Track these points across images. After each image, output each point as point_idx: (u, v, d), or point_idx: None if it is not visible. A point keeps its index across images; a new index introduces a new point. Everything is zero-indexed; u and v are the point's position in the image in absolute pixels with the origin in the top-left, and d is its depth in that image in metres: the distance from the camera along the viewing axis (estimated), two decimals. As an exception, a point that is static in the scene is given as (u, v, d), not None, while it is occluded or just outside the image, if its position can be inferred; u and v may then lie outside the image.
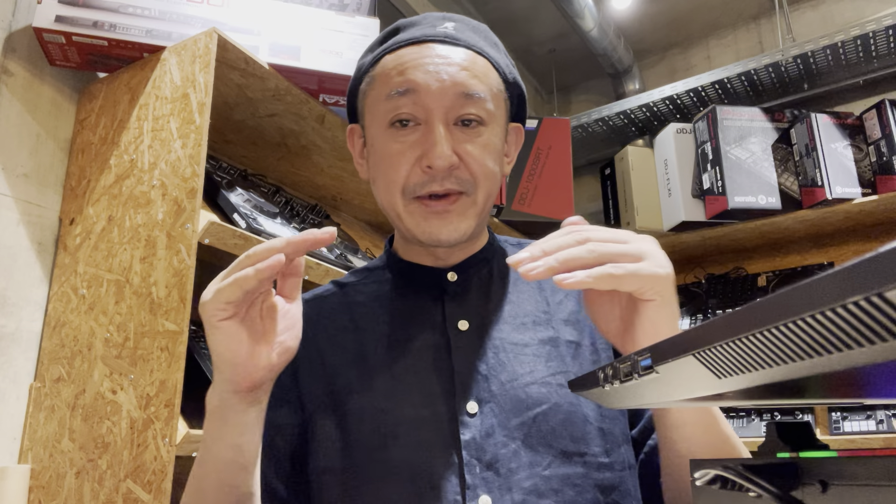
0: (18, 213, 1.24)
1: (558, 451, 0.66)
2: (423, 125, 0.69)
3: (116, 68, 1.32)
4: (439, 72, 0.69)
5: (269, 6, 1.34)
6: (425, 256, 0.77)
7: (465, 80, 0.69)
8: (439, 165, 0.67)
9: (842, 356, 0.19)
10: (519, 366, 0.70)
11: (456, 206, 0.70)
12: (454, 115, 0.69)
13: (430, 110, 0.68)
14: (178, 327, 1.05)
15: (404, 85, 0.69)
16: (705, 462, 0.35)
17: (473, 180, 0.70)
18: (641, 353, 0.33)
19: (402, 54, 0.71)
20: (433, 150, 0.67)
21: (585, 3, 2.18)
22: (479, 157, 0.70)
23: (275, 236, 1.26)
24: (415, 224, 0.70)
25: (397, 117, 0.70)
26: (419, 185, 0.69)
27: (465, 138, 0.69)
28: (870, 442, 1.80)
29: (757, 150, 2.13)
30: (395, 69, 0.71)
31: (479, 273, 0.77)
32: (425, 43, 0.71)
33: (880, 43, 2.05)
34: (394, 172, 0.70)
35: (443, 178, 0.68)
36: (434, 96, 0.68)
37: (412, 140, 0.69)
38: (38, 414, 1.18)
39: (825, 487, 0.28)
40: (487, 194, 0.72)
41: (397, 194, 0.70)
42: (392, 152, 0.70)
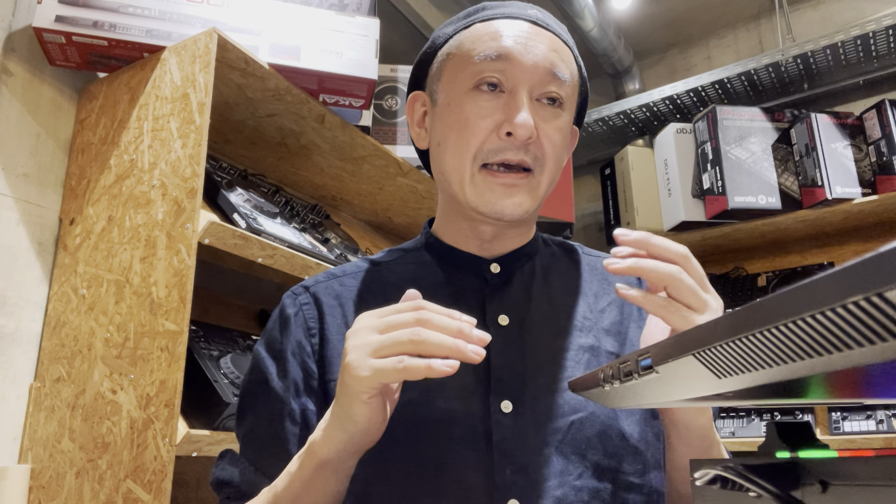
0: (18, 213, 1.24)
1: (592, 462, 0.64)
2: (508, 94, 0.69)
3: (116, 68, 1.32)
4: (531, 45, 0.69)
5: (269, 6, 1.34)
6: (471, 241, 0.75)
7: (554, 60, 0.70)
8: (521, 134, 0.66)
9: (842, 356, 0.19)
10: (558, 370, 0.68)
11: (524, 183, 0.69)
12: (539, 90, 0.69)
13: (518, 80, 0.68)
14: (178, 327, 1.05)
15: (498, 50, 0.69)
16: (705, 462, 0.35)
17: (544, 160, 0.69)
18: (641, 352, 0.32)
19: (496, 24, 0.72)
20: (518, 117, 0.67)
21: (585, 3, 2.18)
22: (553, 137, 0.70)
23: (275, 236, 1.26)
24: (478, 194, 0.69)
25: (485, 80, 0.69)
26: (493, 152, 0.68)
27: (545, 115, 0.69)
28: (870, 442, 1.80)
29: (757, 150, 2.13)
30: (489, 34, 0.71)
31: (521, 268, 0.75)
32: (518, 20, 0.72)
33: (880, 43, 2.05)
34: (470, 133, 0.69)
35: (518, 149, 0.68)
36: (525, 68, 0.68)
37: (494, 105, 0.69)
38: (38, 414, 1.18)
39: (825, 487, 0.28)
40: (551, 179, 0.71)
41: (468, 158, 0.69)
42: (472, 114, 0.69)
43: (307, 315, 0.72)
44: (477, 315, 0.70)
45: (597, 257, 0.81)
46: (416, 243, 0.80)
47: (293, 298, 0.74)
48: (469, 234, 0.74)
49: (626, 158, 2.43)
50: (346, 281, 0.76)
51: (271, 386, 0.70)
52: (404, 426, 0.64)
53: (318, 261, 1.35)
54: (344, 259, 1.53)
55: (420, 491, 0.62)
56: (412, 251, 0.79)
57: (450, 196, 0.74)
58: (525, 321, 0.70)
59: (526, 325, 0.70)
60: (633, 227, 2.32)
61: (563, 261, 0.78)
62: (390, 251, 0.80)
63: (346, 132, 1.52)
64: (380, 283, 0.75)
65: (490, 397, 0.65)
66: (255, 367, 0.73)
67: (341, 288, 0.74)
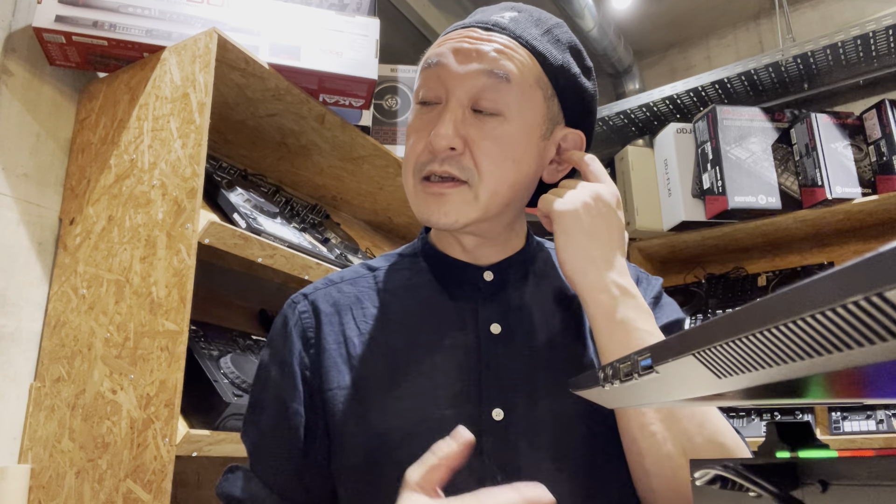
0: (18, 212, 1.24)
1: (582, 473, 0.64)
2: (443, 106, 0.68)
3: (116, 68, 1.32)
4: (469, 49, 0.67)
5: (269, 6, 1.34)
6: (455, 248, 0.75)
7: (494, 59, 0.67)
8: (437, 145, 0.65)
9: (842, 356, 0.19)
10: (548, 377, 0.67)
11: (452, 192, 0.67)
12: (474, 96, 0.67)
13: (448, 89, 0.68)
14: (178, 327, 1.05)
15: (435, 56, 0.69)
16: (705, 462, 0.35)
17: (477, 171, 0.67)
18: (641, 352, 0.32)
19: (451, 34, 0.71)
20: (434, 129, 0.66)
21: (585, 2, 2.18)
22: (487, 149, 0.67)
23: (275, 236, 1.26)
24: (416, 205, 0.69)
25: (423, 97, 0.70)
26: (423, 165, 0.68)
27: (478, 125, 0.67)
28: (870, 442, 1.80)
29: (757, 149, 2.13)
30: (435, 45, 0.71)
31: (515, 276, 0.74)
32: (471, 27, 0.70)
33: (880, 43, 2.05)
34: (410, 150, 0.70)
35: (442, 160, 0.67)
36: (456, 74, 0.67)
37: (429, 119, 0.69)
38: (38, 414, 1.18)
39: (825, 487, 0.28)
40: (493, 191, 0.67)
41: (409, 172, 0.70)
42: (411, 130, 0.70)
43: (305, 325, 0.73)
44: (471, 323, 0.70)
45: None
46: (414, 248, 0.80)
47: (293, 308, 0.75)
48: (454, 244, 0.75)
49: (626, 158, 2.43)
50: (344, 287, 0.76)
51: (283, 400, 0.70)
52: (398, 434, 0.65)
53: (318, 261, 1.35)
54: (344, 259, 1.53)
55: None
56: (409, 257, 0.79)
57: None
58: (516, 329, 0.70)
59: (517, 333, 0.70)
60: (632, 227, 2.32)
61: (556, 266, 0.78)
62: (388, 256, 0.80)
63: (346, 132, 1.52)
64: (377, 289, 0.76)
65: (481, 405, 0.65)
66: (261, 378, 0.73)
67: (339, 295, 0.75)
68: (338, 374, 0.70)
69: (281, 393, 0.70)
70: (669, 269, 2.55)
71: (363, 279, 0.77)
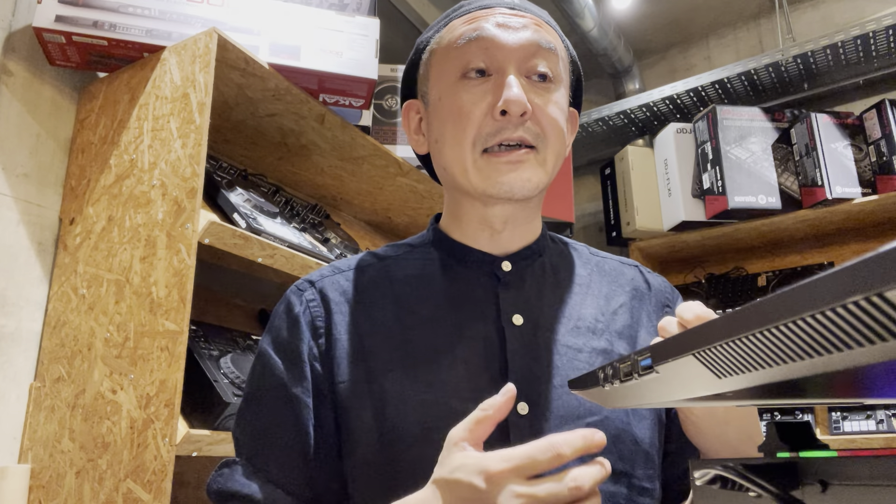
0: (18, 212, 1.24)
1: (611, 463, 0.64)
2: (495, 75, 0.68)
3: (116, 68, 1.32)
4: (511, 24, 0.68)
5: (269, 6, 1.34)
6: (481, 236, 0.73)
7: (537, 34, 0.69)
8: (514, 110, 0.64)
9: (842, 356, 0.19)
10: (573, 371, 0.66)
11: (528, 158, 0.67)
12: (526, 66, 0.68)
13: (502, 59, 0.67)
14: (178, 327, 1.05)
15: (475, 31, 0.68)
16: (705, 462, 0.35)
17: (544, 135, 0.67)
18: (641, 352, 0.32)
19: (472, 14, 0.71)
20: (508, 93, 0.65)
21: (585, 2, 2.18)
22: (550, 112, 0.68)
23: (275, 236, 1.26)
24: (484, 178, 0.67)
25: (471, 66, 0.68)
26: (491, 135, 0.66)
27: (537, 91, 0.68)
28: (870, 442, 1.80)
29: (757, 149, 2.13)
30: (465, 21, 0.70)
31: (532, 266, 0.73)
32: (494, 7, 0.71)
33: (880, 43, 2.05)
34: (465, 121, 0.67)
35: (515, 126, 0.66)
36: (507, 47, 0.67)
37: (483, 90, 0.67)
38: (38, 414, 1.18)
39: (825, 487, 0.28)
40: (557, 155, 0.69)
41: (468, 147, 0.67)
42: (463, 102, 0.68)
43: (314, 313, 0.70)
44: (491, 314, 0.68)
45: (604, 258, 0.80)
46: (423, 239, 0.78)
47: (299, 295, 0.71)
48: (479, 226, 0.73)
49: (626, 158, 2.43)
50: (353, 276, 0.73)
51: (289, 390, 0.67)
52: (418, 428, 0.62)
53: (317, 260, 1.35)
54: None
55: None
56: (419, 247, 0.77)
57: (456, 189, 0.72)
58: (539, 321, 0.69)
59: (541, 325, 0.68)
60: (632, 227, 2.32)
61: (570, 260, 0.77)
62: (395, 246, 0.78)
63: (346, 132, 1.52)
64: (388, 278, 0.73)
65: None
66: (265, 369, 0.69)
67: (348, 283, 0.72)
68: (350, 365, 0.67)
69: (285, 382, 0.67)
70: (669, 269, 2.55)
71: (372, 268, 0.74)
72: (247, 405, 0.70)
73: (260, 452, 0.66)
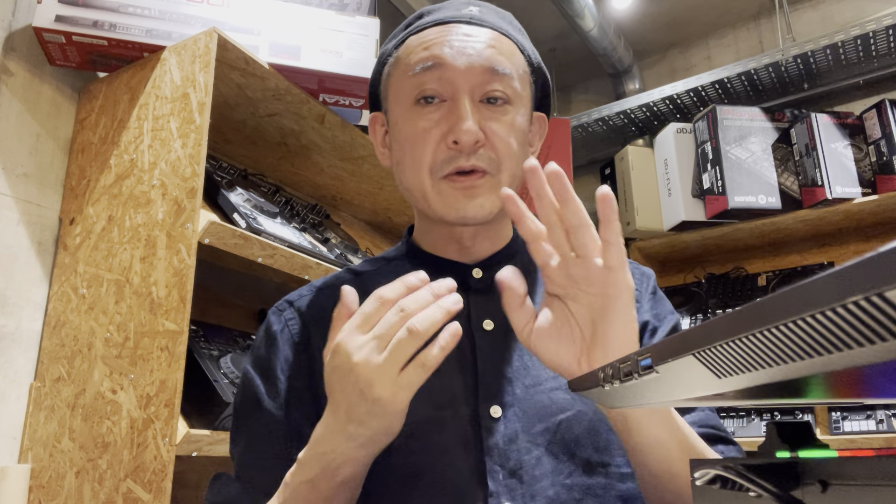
0: (18, 212, 1.24)
1: (582, 460, 0.64)
2: (449, 101, 0.68)
3: (116, 68, 1.32)
4: (465, 47, 0.68)
5: (269, 6, 1.34)
6: (450, 248, 0.74)
7: (491, 56, 0.68)
8: (466, 140, 0.65)
9: (842, 356, 0.19)
10: (543, 370, 0.68)
11: (482, 183, 0.68)
12: (480, 91, 0.68)
13: (456, 86, 0.67)
14: (178, 327, 1.05)
15: (430, 60, 0.68)
16: (705, 462, 0.35)
17: (498, 160, 0.68)
18: (641, 352, 0.33)
19: (427, 34, 0.71)
20: (460, 125, 0.66)
21: (585, 2, 2.18)
22: (504, 136, 0.68)
23: (275, 236, 1.26)
24: (443, 203, 0.68)
25: (422, 94, 0.68)
26: (446, 162, 0.67)
27: (490, 116, 0.68)
28: (870, 442, 1.80)
29: (757, 149, 2.13)
30: (420, 46, 0.70)
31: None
32: (450, 24, 0.70)
33: (880, 43, 2.05)
34: (420, 150, 0.68)
35: (469, 154, 0.67)
36: (460, 71, 0.67)
37: (438, 117, 0.68)
38: (38, 414, 1.18)
39: (825, 487, 0.28)
40: (511, 176, 0.69)
41: (425, 174, 0.69)
42: (418, 130, 0.68)
43: (293, 330, 0.73)
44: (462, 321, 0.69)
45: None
46: (398, 251, 0.80)
47: (278, 315, 0.75)
48: (448, 239, 0.74)
49: (626, 158, 2.43)
50: (330, 293, 0.76)
51: (264, 406, 0.69)
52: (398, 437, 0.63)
53: (318, 261, 1.35)
54: (344, 259, 1.53)
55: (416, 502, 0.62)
56: (394, 260, 0.79)
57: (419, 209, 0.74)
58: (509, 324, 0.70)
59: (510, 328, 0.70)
60: (632, 227, 2.32)
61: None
62: (373, 260, 0.81)
63: (346, 132, 1.52)
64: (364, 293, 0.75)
65: (479, 403, 0.65)
66: (245, 387, 0.72)
67: (325, 300, 0.75)
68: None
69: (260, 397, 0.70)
70: (669, 269, 2.55)
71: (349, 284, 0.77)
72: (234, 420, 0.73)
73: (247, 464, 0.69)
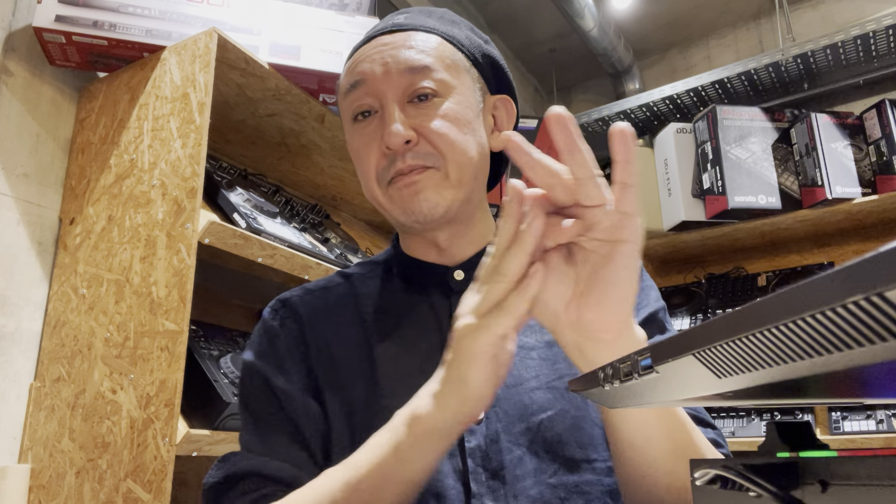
0: (18, 212, 1.24)
1: (565, 458, 0.64)
2: (380, 111, 0.70)
3: (116, 68, 1.32)
4: (383, 57, 0.70)
5: (269, 6, 1.34)
6: (430, 252, 0.75)
7: (408, 57, 0.70)
8: (394, 143, 0.66)
9: (842, 356, 0.19)
10: (524, 370, 0.68)
11: (423, 177, 0.68)
12: (407, 93, 0.69)
13: (380, 94, 0.69)
14: (178, 327, 1.05)
15: (355, 78, 0.71)
16: (705, 462, 0.35)
17: (438, 153, 0.68)
18: (641, 352, 0.33)
19: (357, 54, 0.73)
20: (386, 130, 0.67)
21: (585, 2, 2.18)
22: (439, 127, 0.68)
23: (275, 236, 1.26)
24: (394, 207, 0.70)
25: (357, 110, 0.71)
26: (385, 169, 0.69)
27: (421, 113, 0.69)
28: (870, 442, 1.80)
29: (757, 149, 2.13)
30: (348, 69, 0.73)
31: None
32: (374, 38, 0.73)
33: (880, 43, 2.05)
34: (365, 164, 0.71)
35: (403, 156, 0.68)
36: (380, 80, 0.69)
37: (372, 129, 0.70)
38: (38, 413, 1.18)
39: (825, 487, 0.28)
40: (460, 165, 0.69)
41: (374, 185, 0.71)
42: (360, 145, 0.71)
43: (289, 326, 0.74)
44: (445, 325, 0.71)
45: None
46: (387, 255, 0.82)
47: (273, 314, 0.76)
48: (424, 243, 0.75)
49: (626, 158, 2.43)
50: (322, 294, 0.78)
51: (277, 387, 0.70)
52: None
53: (318, 261, 1.35)
54: (344, 259, 1.53)
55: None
56: (382, 263, 0.81)
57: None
58: None
59: None
60: (633, 227, 2.32)
61: None
62: (363, 264, 0.83)
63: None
64: (353, 294, 0.77)
65: None
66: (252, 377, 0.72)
67: (317, 301, 0.76)
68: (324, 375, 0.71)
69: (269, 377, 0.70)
70: (669, 269, 2.55)
71: (339, 286, 0.79)
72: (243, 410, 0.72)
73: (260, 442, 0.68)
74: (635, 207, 0.48)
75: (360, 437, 0.66)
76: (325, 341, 0.73)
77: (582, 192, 0.47)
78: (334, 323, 0.74)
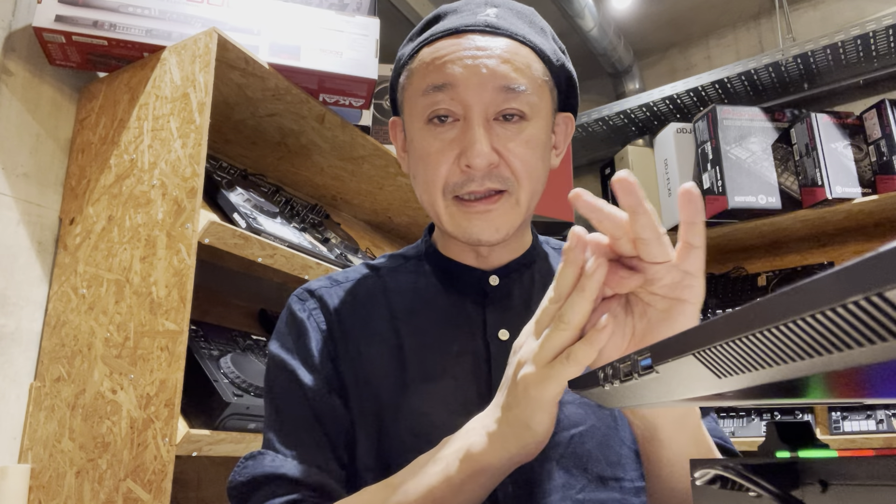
0: (18, 212, 1.24)
1: (594, 475, 0.64)
2: (462, 121, 0.66)
3: (116, 68, 1.32)
4: (478, 65, 0.65)
5: (269, 6, 1.34)
6: (468, 254, 0.74)
7: (506, 73, 0.65)
8: (478, 164, 0.64)
9: (842, 356, 0.19)
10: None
11: (498, 206, 0.66)
12: (494, 109, 0.66)
13: (468, 106, 0.65)
14: (178, 327, 1.05)
15: (441, 80, 0.66)
16: (705, 462, 0.35)
17: (516, 179, 0.67)
18: (641, 352, 0.33)
19: (440, 47, 0.68)
20: (472, 149, 0.64)
21: (585, 2, 2.18)
22: (521, 154, 0.66)
23: (275, 236, 1.26)
24: (455, 224, 0.68)
25: (435, 113, 0.67)
26: (458, 185, 0.66)
27: (506, 135, 0.66)
28: (870, 442, 1.80)
29: (757, 149, 2.13)
30: (433, 63, 0.68)
31: (521, 278, 0.74)
32: (464, 34, 0.68)
33: (880, 43, 2.05)
34: (433, 171, 0.67)
35: (482, 178, 0.65)
36: (473, 91, 0.65)
37: (450, 137, 0.66)
38: (38, 413, 1.18)
39: (825, 487, 0.28)
40: (531, 193, 0.68)
41: (437, 193, 0.68)
42: (431, 150, 0.67)
43: (318, 319, 0.72)
44: (479, 329, 0.70)
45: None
46: (417, 251, 0.79)
47: (301, 304, 0.74)
48: (465, 249, 0.74)
49: (626, 158, 2.43)
50: (350, 287, 0.75)
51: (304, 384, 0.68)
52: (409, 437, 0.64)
53: (318, 260, 1.35)
54: (344, 259, 1.53)
55: None
56: (413, 259, 0.78)
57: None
58: None
59: None
60: (633, 227, 2.32)
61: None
62: (392, 257, 0.80)
63: (346, 132, 1.52)
64: (383, 289, 0.75)
65: None
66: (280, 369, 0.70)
67: (345, 295, 0.74)
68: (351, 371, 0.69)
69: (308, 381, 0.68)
70: (669, 268, 2.54)
71: (368, 279, 0.76)
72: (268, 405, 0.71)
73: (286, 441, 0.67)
74: (699, 268, 0.48)
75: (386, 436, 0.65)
76: (353, 335, 0.71)
77: (646, 251, 0.47)
78: (363, 317, 0.72)
